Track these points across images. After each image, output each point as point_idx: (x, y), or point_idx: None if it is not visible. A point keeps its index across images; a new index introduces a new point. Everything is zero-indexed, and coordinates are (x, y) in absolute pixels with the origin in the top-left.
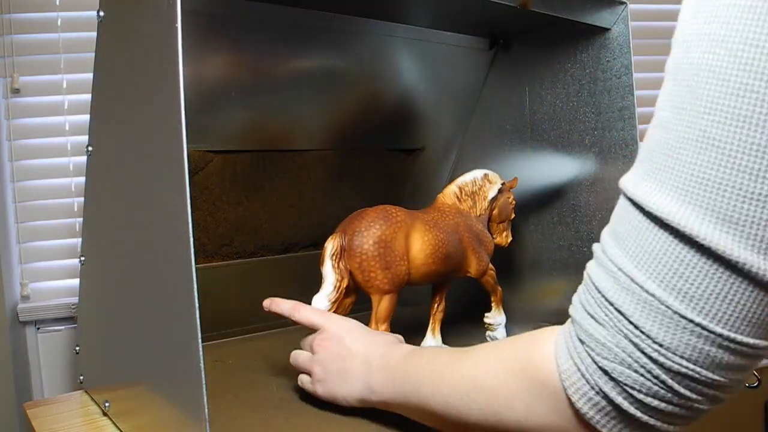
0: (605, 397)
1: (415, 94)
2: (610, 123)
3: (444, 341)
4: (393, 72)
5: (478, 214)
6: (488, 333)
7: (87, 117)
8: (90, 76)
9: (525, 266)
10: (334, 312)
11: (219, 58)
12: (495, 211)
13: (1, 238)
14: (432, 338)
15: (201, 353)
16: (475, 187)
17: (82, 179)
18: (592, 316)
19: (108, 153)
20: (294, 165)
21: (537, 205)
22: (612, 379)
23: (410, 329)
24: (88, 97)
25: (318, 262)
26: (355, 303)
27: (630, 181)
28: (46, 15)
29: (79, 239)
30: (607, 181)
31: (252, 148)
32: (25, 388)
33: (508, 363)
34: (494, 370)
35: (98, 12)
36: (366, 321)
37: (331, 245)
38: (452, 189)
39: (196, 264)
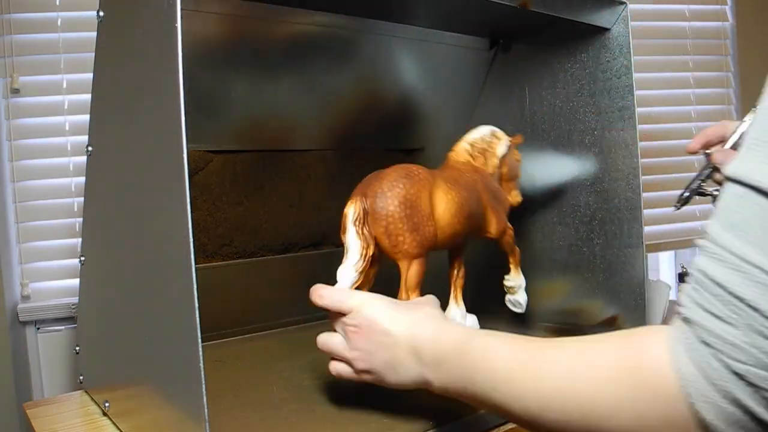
0: (740, 405)
1: (415, 94)
2: (610, 123)
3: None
4: (393, 72)
5: (490, 171)
6: (508, 297)
7: (87, 117)
8: (90, 76)
9: (525, 266)
10: (360, 284)
11: (219, 57)
12: (504, 169)
13: (1, 238)
14: (456, 307)
15: (201, 353)
16: (484, 143)
17: (82, 179)
18: (717, 316)
19: (108, 153)
20: (294, 165)
21: (537, 205)
22: (749, 384)
23: None
24: (88, 97)
25: (308, 264)
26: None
27: (747, 168)
28: (46, 15)
29: (79, 239)
30: (607, 181)
31: (252, 148)
32: (25, 388)
33: (608, 370)
34: (591, 377)
35: (98, 12)
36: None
37: (352, 210)
38: (463, 146)
39: (196, 264)
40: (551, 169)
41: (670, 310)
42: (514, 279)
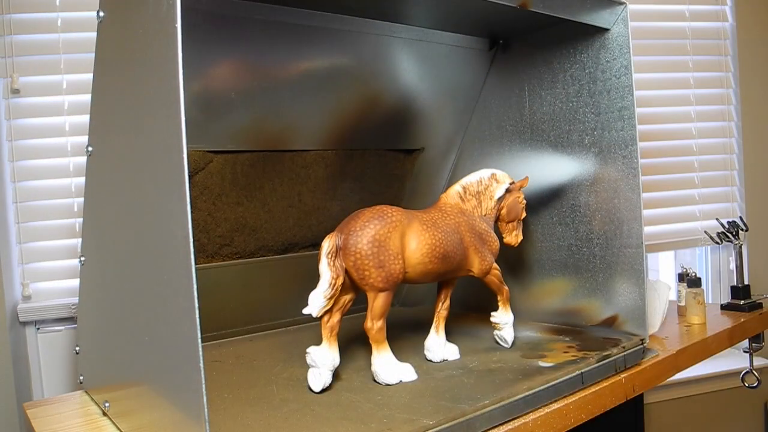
0: None
1: (415, 94)
2: (609, 123)
3: (451, 339)
4: (393, 72)
5: (483, 213)
6: (495, 332)
7: (87, 117)
8: (90, 76)
9: (525, 266)
10: (331, 309)
11: (219, 58)
12: (503, 211)
13: (1, 238)
14: (435, 336)
15: (201, 353)
16: (481, 186)
17: (82, 179)
18: None
19: (108, 153)
20: (294, 165)
21: (537, 205)
22: None
23: (412, 328)
24: (88, 97)
25: (308, 264)
26: (354, 302)
27: None
28: (46, 15)
29: (79, 239)
30: (607, 181)
31: (252, 148)
32: (25, 388)
33: None
34: None
35: (98, 12)
36: (363, 320)
37: (327, 244)
38: (456, 189)
39: (196, 264)
40: (551, 169)
41: (670, 309)
42: (501, 316)
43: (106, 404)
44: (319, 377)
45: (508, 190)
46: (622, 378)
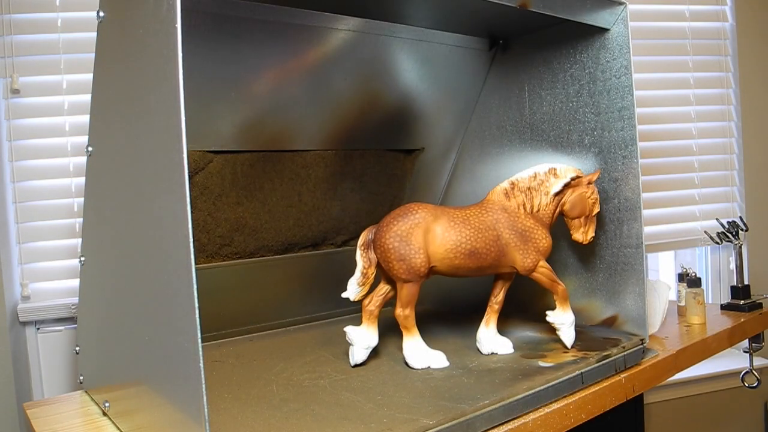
0: None
1: (415, 94)
2: (609, 123)
3: (450, 338)
4: (393, 72)
5: (535, 209)
6: (557, 332)
7: (87, 117)
8: (90, 76)
9: None
10: (371, 295)
11: (219, 58)
12: (566, 207)
13: (1, 238)
14: (484, 329)
15: (201, 353)
16: (534, 182)
17: (82, 180)
18: None
19: (108, 153)
20: (294, 165)
21: None
22: None
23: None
24: (88, 97)
25: (308, 264)
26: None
27: None
28: (46, 15)
29: (79, 239)
30: (607, 181)
31: (252, 148)
32: (25, 388)
33: None
34: None
35: (98, 12)
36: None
37: (362, 237)
38: (503, 185)
39: (196, 264)
40: None
41: (670, 309)
42: (558, 316)
43: (106, 404)
44: (353, 354)
45: (568, 185)
46: (622, 378)
